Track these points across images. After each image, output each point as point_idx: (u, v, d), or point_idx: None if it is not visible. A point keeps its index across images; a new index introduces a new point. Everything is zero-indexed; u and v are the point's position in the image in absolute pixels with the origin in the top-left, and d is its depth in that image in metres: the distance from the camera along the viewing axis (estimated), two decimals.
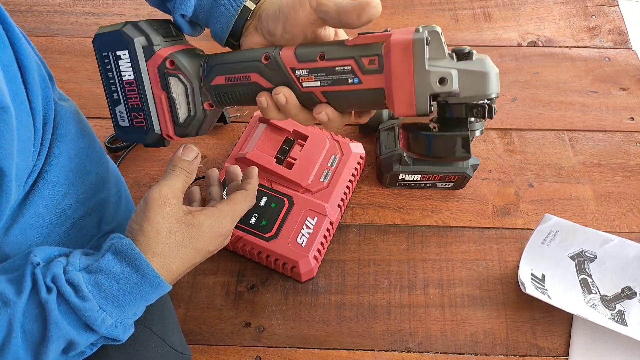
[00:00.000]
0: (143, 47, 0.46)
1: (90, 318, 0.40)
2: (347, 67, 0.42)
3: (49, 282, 0.39)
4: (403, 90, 0.40)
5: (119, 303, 0.41)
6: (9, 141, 0.38)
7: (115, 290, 0.41)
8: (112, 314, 0.41)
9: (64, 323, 0.39)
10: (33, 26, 0.98)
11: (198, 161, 0.49)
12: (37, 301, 0.38)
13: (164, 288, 0.44)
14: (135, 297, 0.42)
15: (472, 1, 1.03)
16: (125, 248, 0.42)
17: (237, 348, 0.65)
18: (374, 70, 0.42)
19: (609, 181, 0.78)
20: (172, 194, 0.45)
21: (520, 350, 0.64)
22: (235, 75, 0.46)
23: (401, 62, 0.40)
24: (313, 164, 0.71)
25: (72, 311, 0.39)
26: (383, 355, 0.64)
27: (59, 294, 0.39)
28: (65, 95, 0.53)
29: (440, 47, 0.40)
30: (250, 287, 0.69)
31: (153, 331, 0.53)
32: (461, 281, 0.69)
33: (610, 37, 0.96)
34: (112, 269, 0.41)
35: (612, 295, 0.66)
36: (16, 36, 0.42)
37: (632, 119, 0.85)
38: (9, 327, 0.37)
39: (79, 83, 0.90)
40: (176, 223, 0.45)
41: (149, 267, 0.42)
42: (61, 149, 0.47)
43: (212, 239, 0.47)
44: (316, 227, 0.67)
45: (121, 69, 0.47)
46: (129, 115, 0.50)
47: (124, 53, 0.46)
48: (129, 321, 0.43)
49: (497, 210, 0.75)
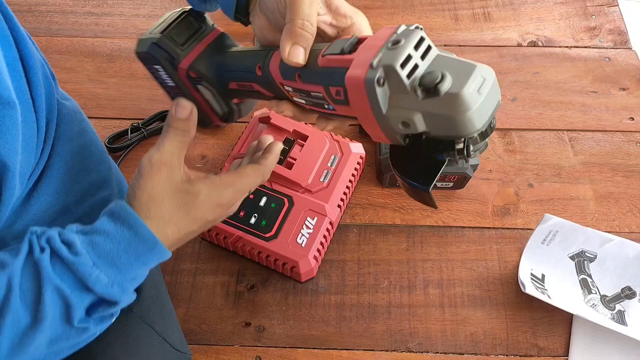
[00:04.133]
0: (169, 62, 0.49)
1: (84, 273, 0.39)
2: (319, 94, 0.41)
3: (43, 243, 0.39)
4: (371, 127, 0.38)
5: (113, 262, 0.40)
6: (15, 137, 0.38)
7: (109, 248, 0.40)
8: (108, 273, 0.40)
9: (57, 280, 0.38)
10: (33, 26, 0.98)
11: (194, 117, 0.45)
12: (32, 261, 0.38)
13: (161, 251, 0.42)
14: (130, 256, 0.41)
15: (472, 1, 1.03)
16: (119, 209, 0.41)
17: (237, 348, 0.65)
18: (341, 102, 0.39)
19: (609, 181, 0.78)
20: (165, 160, 0.44)
21: (520, 350, 0.64)
22: (242, 83, 0.48)
23: (359, 102, 0.36)
24: (313, 164, 0.71)
25: (67, 268, 0.39)
26: (383, 355, 0.64)
27: (53, 252, 0.39)
28: (67, 95, 0.53)
29: (400, 83, 0.34)
30: (250, 287, 0.69)
31: (154, 329, 0.53)
32: (461, 281, 0.69)
33: (610, 37, 0.96)
34: (106, 229, 0.40)
35: (612, 295, 0.66)
36: (21, 35, 0.42)
37: (632, 119, 0.85)
38: (8, 286, 0.37)
39: (79, 83, 0.90)
40: (169, 189, 0.43)
41: (142, 226, 0.41)
42: (64, 147, 0.48)
43: (210, 208, 0.45)
44: (316, 227, 0.67)
45: (164, 78, 0.52)
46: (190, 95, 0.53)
47: (158, 67, 0.51)
48: (128, 285, 0.42)
49: (497, 210, 0.75)
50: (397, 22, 1.00)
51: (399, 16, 1.01)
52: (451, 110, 0.32)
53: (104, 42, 0.97)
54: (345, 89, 0.37)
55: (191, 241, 0.73)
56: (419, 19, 1.00)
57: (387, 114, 0.35)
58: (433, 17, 1.01)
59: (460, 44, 0.96)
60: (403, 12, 1.02)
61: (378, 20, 1.01)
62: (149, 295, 0.54)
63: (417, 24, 0.36)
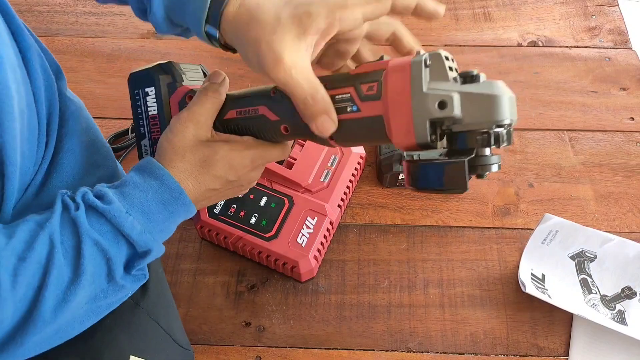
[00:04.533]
0: (167, 83, 0.51)
1: (118, 219, 0.40)
2: (347, 94, 0.41)
3: (78, 199, 0.41)
4: (400, 116, 0.38)
5: (143, 209, 0.42)
6: (10, 122, 0.39)
7: (139, 197, 0.42)
8: (140, 220, 0.42)
9: (95, 233, 0.40)
10: (33, 26, 0.98)
11: (226, 82, 0.48)
12: (68, 218, 0.40)
13: (186, 201, 0.44)
14: (158, 204, 0.43)
15: (472, 1, 1.03)
16: (145, 162, 0.44)
17: (237, 348, 0.65)
18: (372, 97, 0.40)
19: (609, 181, 0.78)
20: (192, 118, 0.46)
21: (520, 350, 0.64)
22: (245, 108, 0.48)
23: (398, 85, 0.38)
24: (313, 164, 0.71)
25: (102, 217, 0.40)
26: (383, 355, 0.64)
27: (87, 206, 0.40)
28: (72, 93, 0.54)
29: (442, 70, 0.37)
30: (250, 287, 0.69)
31: (160, 325, 0.54)
32: (461, 281, 0.69)
33: (611, 37, 0.96)
34: (134, 180, 0.43)
35: (612, 295, 0.66)
36: (19, 29, 0.43)
37: (632, 119, 0.85)
38: (51, 243, 0.38)
39: (79, 83, 0.90)
40: (193, 144, 0.46)
41: (167, 175, 0.43)
42: (72, 142, 0.49)
43: (230, 167, 0.47)
44: (316, 227, 0.67)
45: (148, 104, 0.52)
46: (151, 149, 0.54)
47: (151, 89, 0.51)
48: (158, 236, 0.43)
49: (497, 210, 0.75)
50: None
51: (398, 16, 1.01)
52: (492, 89, 0.36)
53: (104, 42, 0.97)
54: (380, 82, 0.39)
55: (191, 241, 0.73)
56: (419, 18, 1.00)
57: (427, 91, 0.36)
58: None
59: (460, 44, 0.96)
60: None
61: None
62: (154, 291, 0.55)
63: None
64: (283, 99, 0.44)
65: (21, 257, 0.37)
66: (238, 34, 0.41)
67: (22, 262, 0.37)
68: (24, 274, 0.37)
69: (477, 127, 0.37)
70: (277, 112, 0.46)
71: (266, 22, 0.39)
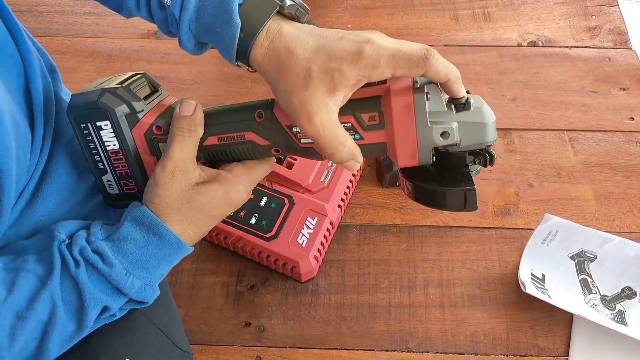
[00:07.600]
0: (126, 115, 0.44)
1: (119, 282, 0.42)
2: (347, 124, 0.42)
3: (76, 256, 0.41)
4: (406, 145, 0.41)
5: (144, 265, 0.43)
6: (3, 136, 0.38)
7: (139, 255, 0.43)
8: (140, 276, 0.43)
9: (96, 291, 0.41)
10: (33, 26, 0.98)
11: (200, 111, 0.45)
12: (69, 275, 0.41)
13: (186, 250, 0.45)
14: (158, 259, 0.44)
15: (472, 1, 1.03)
16: (141, 215, 0.43)
17: (237, 348, 0.65)
18: (374, 127, 0.42)
19: (609, 181, 0.78)
20: (178, 168, 0.44)
21: (520, 350, 0.64)
22: (229, 135, 0.45)
23: (403, 120, 0.40)
24: (313, 164, 0.71)
25: (103, 278, 0.42)
26: (383, 355, 0.64)
27: (87, 264, 0.41)
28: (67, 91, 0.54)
29: (438, 100, 0.41)
30: (250, 287, 0.69)
31: (159, 328, 0.53)
32: (461, 281, 0.69)
33: (610, 37, 0.96)
34: (133, 236, 0.43)
35: (612, 295, 0.66)
36: (18, 30, 0.43)
37: (632, 119, 0.85)
38: (53, 302, 0.40)
39: (79, 83, 0.90)
40: (186, 195, 0.44)
41: (167, 231, 0.43)
42: (65, 146, 0.48)
43: (228, 205, 0.46)
44: (316, 227, 0.67)
45: (104, 139, 0.45)
46: (118, 184, 0.49)
47: (105, 123, 0.45)
48: (155, 282, 0.45)
49: (497, 210, 0.75)
50: (397, 22, 1.00)
51: (399, 16, 1.01)
52: (482, 118, 0.41)
53: (104, 42, 0.97)
54: (381, 112, 0.41)
55: None
56: (419, 19, 1.00)
57: (432, 126, 0.40)
58: (433, 17, 1.01)
59: (460, 44, 0.96)
60: (403, 12, 1.02)
61: (378, 20, 1.01)
62: None
63: None
64: (274, 126, 0.44)
65: (20, 315, 0.39)
66: (268, 77, 0.42)
67: (21, 321, 0.39)
68: (22, 332, 0.39)
69: (470, 149, 0.42)
70: (268, 138, 0.45)
71: (297, 75, 0.39)
